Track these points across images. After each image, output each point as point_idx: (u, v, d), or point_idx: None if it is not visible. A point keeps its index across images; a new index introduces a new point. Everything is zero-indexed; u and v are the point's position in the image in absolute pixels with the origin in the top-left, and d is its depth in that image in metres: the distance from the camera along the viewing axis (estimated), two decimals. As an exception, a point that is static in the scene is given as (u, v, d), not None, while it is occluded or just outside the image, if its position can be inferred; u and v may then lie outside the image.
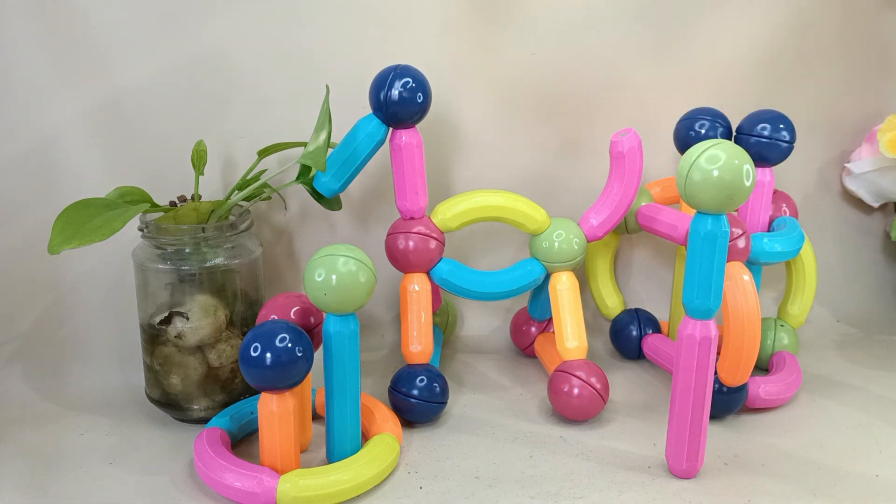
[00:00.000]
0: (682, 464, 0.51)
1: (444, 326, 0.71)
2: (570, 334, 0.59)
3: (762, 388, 0.59)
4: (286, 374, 0.47)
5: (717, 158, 0.45)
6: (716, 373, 0.57)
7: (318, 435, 0.57)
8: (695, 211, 0.48)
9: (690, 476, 0.51)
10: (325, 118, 0.55)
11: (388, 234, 0.60)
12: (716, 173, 0.44)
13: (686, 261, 0.49)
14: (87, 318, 0.66)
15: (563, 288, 0.60)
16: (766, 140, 0.61)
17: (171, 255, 0.56)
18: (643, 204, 0.66)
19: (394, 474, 0.52)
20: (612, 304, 0.72)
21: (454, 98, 0.69)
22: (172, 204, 0.59)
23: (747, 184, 0.45)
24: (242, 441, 0.56)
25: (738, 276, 0.55)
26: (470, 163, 0.71)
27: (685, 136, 0.63)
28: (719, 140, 0.46)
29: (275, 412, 0.47)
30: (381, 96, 0.56)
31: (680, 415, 0.50)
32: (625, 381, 0.66)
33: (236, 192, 0.59)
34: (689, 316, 0.49)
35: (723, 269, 0.48)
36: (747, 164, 0.45)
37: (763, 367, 0.66)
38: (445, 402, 0.58)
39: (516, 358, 0.71)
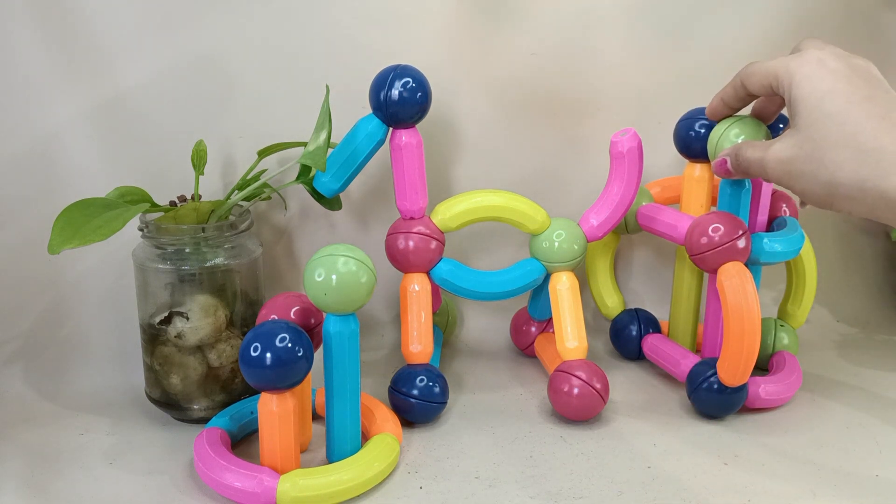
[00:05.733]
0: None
1: (444, 326, 0.71)
2: (570, 334, 0.59)
3: (762, 388, 0.59)
4: (286, 374, 0.46)
5: (739, 134, 0.56)
6: (715, 373, 0.57)
7: (318, 435, 0.57)
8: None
9: None
10: (325, 118, 0.55)
11: (388, 234, 0.60)
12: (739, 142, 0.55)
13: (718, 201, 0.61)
14: (87, 318, 0.66)
15: (563, 288, 0.60)
16: (766, 140, 0.61)
17: (171, 255, 0.56)
18: (643, 204, 0.66)
19: (394, 474, 0.52)
20: (612, 304, 0.72)
21: (454, 98, 0.69)
22: (172, 204, 0.59)
23: None
24: (242, 441, 0.56)
25: (738, 276, 0.55)
26: (470, 163, 0.71)
27: (685, 136, 0.63)
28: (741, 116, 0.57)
29: (275, 412, 0.47)
30: (381, 96, 0.56)
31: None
32: (625, 381, 0.66)
33: (236, 192, 0.59)
34: None
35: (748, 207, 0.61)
36: (763, 137, 0.56)
37: (763, 367, 0.66)
38: (445, 402, 0.58)
39: (516, 358, 0.71)
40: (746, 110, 0.58)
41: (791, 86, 0.48)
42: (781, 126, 0.62)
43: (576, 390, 0.56)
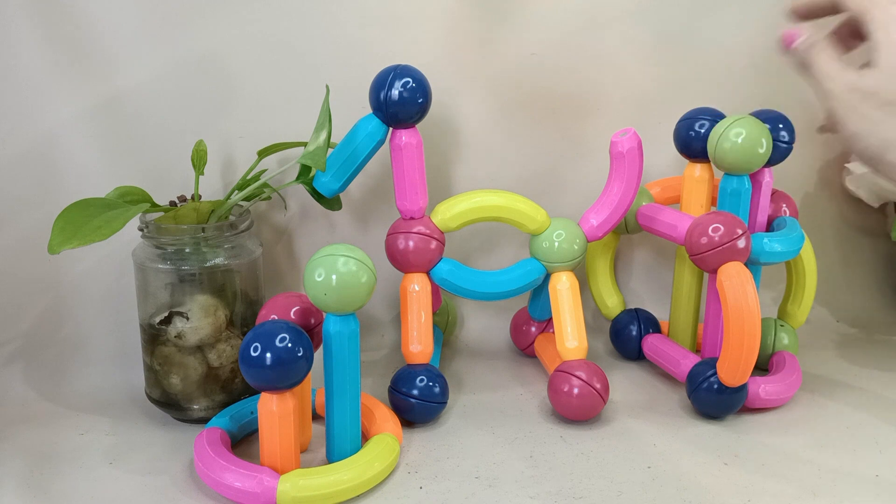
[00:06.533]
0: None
1: (444, 326, 0.71)
2: (570, 334, 0.59)
3: (762, 388, 0.59)
4: (286, 374, 0.46)
5: (739, 133, 0.58)
6: (715, 373, 0.57)
7: (318, 435, 0.57)
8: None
9: None
10: (325, 118, 0.55)
11: (388, 234, 0.60)
12: (739, 141, 0.58)
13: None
14: (87, 318, 0.66)
15: (563, 288, 0.60)
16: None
17: (171, 255, 0.56)
18: (643, 204, 0.66)
19: (394, 474, 0.52)
20: (612, 304, 0.72)
21: (454, 98, 0.69)
22: (172, 204, 0.59)
23: (761, 151, 0.59)
24: (242, 441, 0.56)
25: (738, 276, 0.55)
26: (470, 163, 0.71)
27: (685, 136, 0.63)
28: (742, 116, 0.59)
29: (275, 412, 0.47)
30: (381, 96, 0.56)
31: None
32: (625, 381, 0.66)
33: (236, 192, 0.59)
34: None
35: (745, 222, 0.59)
36: (763, 137, 0.58)
37: (763, 367, 0.66)
38: (445, 402, 0.58)
39: (516, 358, 0.71)
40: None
41: (875, 29, 0.46)
42: (781, 126, 0.62)
43: (576, 390, 0.56)
